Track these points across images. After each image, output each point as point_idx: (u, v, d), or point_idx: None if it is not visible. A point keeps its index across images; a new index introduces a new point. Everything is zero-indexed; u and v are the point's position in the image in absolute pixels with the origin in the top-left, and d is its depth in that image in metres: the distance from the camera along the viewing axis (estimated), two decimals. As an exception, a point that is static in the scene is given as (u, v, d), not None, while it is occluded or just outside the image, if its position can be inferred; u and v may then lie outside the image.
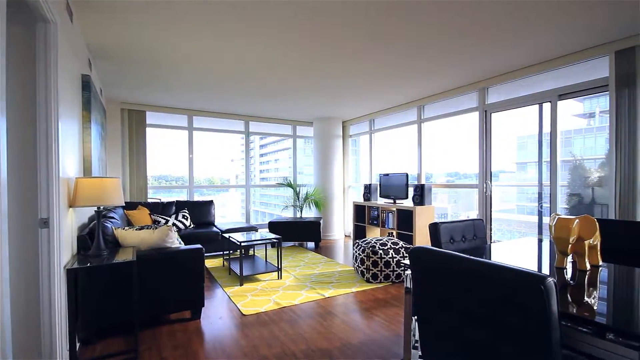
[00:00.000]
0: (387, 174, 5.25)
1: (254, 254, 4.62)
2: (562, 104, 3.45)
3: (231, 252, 4.90)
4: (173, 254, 2.61)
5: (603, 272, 1.55)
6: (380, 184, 5.41)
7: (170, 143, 6.02)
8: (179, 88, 4.40)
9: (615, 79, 2.90)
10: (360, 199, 5.94)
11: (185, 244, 2.99)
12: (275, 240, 3.92)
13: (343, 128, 6.80)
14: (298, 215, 6.34)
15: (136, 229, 2.64)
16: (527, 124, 3.92)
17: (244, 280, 3.74)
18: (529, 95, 3.69)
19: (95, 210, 2.29)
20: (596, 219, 1.60)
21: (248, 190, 6.41)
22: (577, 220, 1.49)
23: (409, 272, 1.73)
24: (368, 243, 3.84)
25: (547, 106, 3.55)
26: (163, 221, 4.66)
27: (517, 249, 2.09)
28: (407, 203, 4.84)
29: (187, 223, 4.94)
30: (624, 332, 1.00)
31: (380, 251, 3.67)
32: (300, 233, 5.58)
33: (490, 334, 1.03)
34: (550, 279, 0.90)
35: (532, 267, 1.75)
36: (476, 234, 2.23)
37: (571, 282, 1.44)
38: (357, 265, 3.86)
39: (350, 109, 5.80)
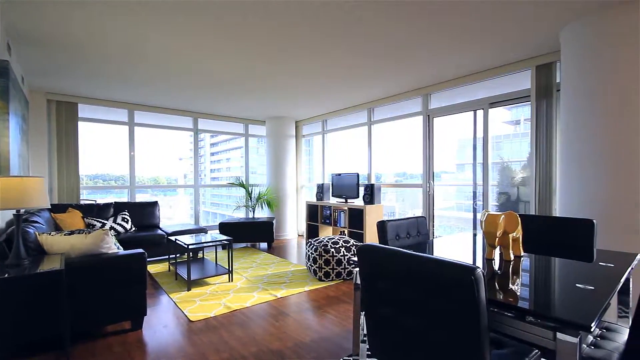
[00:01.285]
0: (339, 174, 5.37)
1: (203, 257, 4.43)
2: (493, 112, 3.82)
3: (178, 255, 4.65)
4: (110, 260, 2.40)
5: (525, 262, 1.75)
6: (332, 184, 5.52)
7: (109, 139, 5.53)
8: (117, 79, 4.04)
9: (536, 91, 3.29)
10: (313, 199, 6.00)
11: (125, 249, 2.77)
12: (226, 242, 3.80)
13: (296, 128, 6.81)
14: (250, 215, 6.21)
15: (65, 234, 2.38)
16: (465, 129, 4.27)
17: (192, 284, 3.57)
18: (466, 102, 4.04)
19: (13, 214, 2.03)
20: (518, 214, 1.80)
21: (197, 190, 6.13)
22: (503, 216, 1.66)
23: (357, 269, 1.80)
24: (320, 242, 3.89)
25: (480, 113, 3.91)
26: (99, 225, 4.27)
27: (455, 243, 2.27)
28: (358, 202, 5.00)
29: (128, 226, 4.58)
30: (541, 314, 1.14)
31: (332, 250, 3.75)
32: (252, 234, 5.48)
33: (428, 323, 1.11)
34: (479, 270, 0.99)
35: (468, 259, 1.92)
36: (419, 230, 2.38)
37: (498, 271, 1.61)
38: (310, 264, 3.90)
39: (303, 109, 5.83)
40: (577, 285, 1.38)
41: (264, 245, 5.83)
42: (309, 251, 3.97)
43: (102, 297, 2.36)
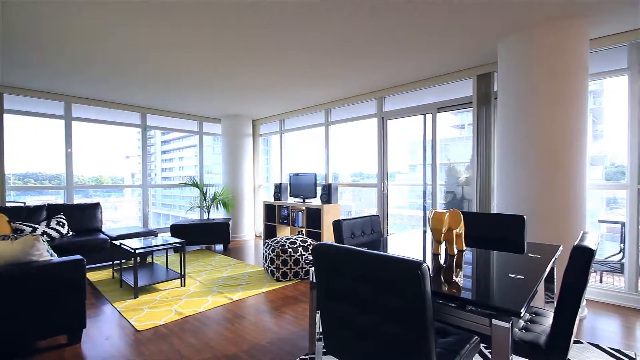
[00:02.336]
0: (297, 174, 5.37)
1: (152, 262, 4.17)
2: (440, 116, 4.08)
3: (124, 261, 4.33)
4: (41, 269, 2.16)
5: (467, 256, 1.90)
6: (290, 184, 5.50)
7: (42, 134, 4.99)
8: (50, 67, 3.64)
9: (477, 98, 3.58)
10: (270, 199, 5.93)
11: (60, 256, 2.52)
12: (177, 245, 3.62)
13: (253, 127, 6.69)
14: (205, 216, 5.98)
15: (-14, 242, 2.10)
16: (416, 132, 4.51)
17: (140, 292, 3.35)
18: (416, 106, 4.26)
19: None
20: (461, 212, 1.95)
21: (146, 190, 5.75)
22: (447, 213, 1.79)
23: (313, 268, 1.82)
24: (278, 242, 3.87)
25: (429, 117, 4.15)
26: (28, 230, 3.83)
27: (406, 240, 2.39)
28: (316, 202, 5.05)
29: (64, 231, 4.16)
30: (479, 303, 1.24)
31: (290, 249, 3.74)
32: (207, 235, 5.28)
33: (380, 317, 1.16)
34: (425, 265, 1.06)
35: (418, 255, 2.03)
36: (373, 228, 2.47)
37: (444, 265, 1.73)
38: (267, 265, 3.85)
39: (260, 108, 5.74)
40: (509, 275, 1.52)
41: (219, 247, 5.65)
42: (266, 252, 3.92)
43: (32, 311, 2.12)
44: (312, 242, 3.98)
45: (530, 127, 2.74)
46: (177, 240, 3.69)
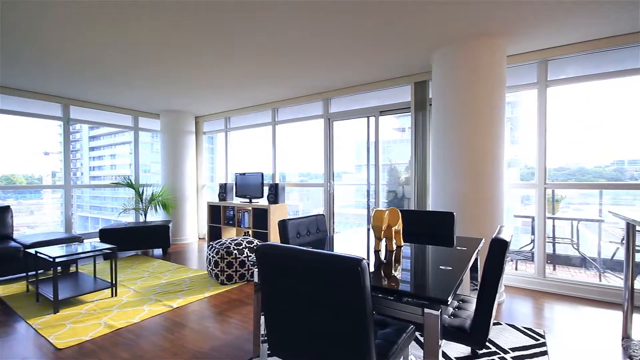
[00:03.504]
0: (244, 174, 5.24)
1: (77, 271, 3.74)
2: (383, 119, 4.30)
3: (42, 272, 3.82)
4: None
5: (405, 251, 2.03)
6: (236, 184, 5.35)
7: None
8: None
9: (414, 103, 3.84)
10: (215, 199, 5.71)
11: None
12: (107, 251, 3.30)
13: (196, 124, 6.37)
14: (142, 219, 5.53)
15: None
16: (361, 133, 4.69)
17: (61, 305, 2.98)
18: (360, 109, 4.44)
19: None
20: (400, 210, 2.07)
21: (69, 191, 5.13)
22: (387, 211, 1.89)
23: (257, 269, 1.79)
24: (222, 244, 3.73)
25: (372, 120, 4.35)
26: None
27: (351, 238, 2.47)
28: (263, 202, 4.98)
29: (-38, 240, 3.54)
30: (412, 294, 1.33)
31: (235, 251, 3.64)
32: (144, 240, 4.89)
33: (323, 315, 1.19)
34: (364, 261, 1.11)
35: (361, 251, 2.11)
36: (319, 227, 2.51)
37: (384, 261, 1.82)
38: (211, 269, 3.70)
39: (203, 105, 5.48)
40: (440, 267, 1.66)
41: (158, 251, 5.27)
42: (210, 254, 3.76)
43: None
44: (258, 243, 3.92)
45: (457, 133, 3.02)
46: (107, 246, 3.36)
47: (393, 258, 1.86)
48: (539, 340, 2.32)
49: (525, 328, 2.50)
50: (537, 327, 2.53)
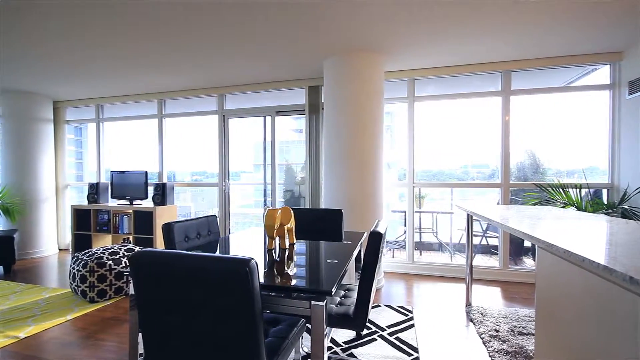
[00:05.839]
0: (123, 172, 4.57)
1: None
2: (280, 119, 4.37)
3: None
4: None
5: (297, 248, 2.11)
6: (112, 183, 4.62)
7: None
8: None
9: (308, 106, 4.03)
10: (84, 202, 4.81)
11: None
12: None
13: (55, 110, 5.24)
14: (-32, 230, 4.24)
15: None
16: (258, 132, 4.66)
17: None
18: (257, 107, 4.41)
19: None
20: (293, 208, 2.15)
21: None
22: (280, 210, 1.93)
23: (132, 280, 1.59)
24: (92, 255, 3.18)
25: (269, 119, 4.37)
26: None
27: (246, 238, 2.43)
28: (147, 203, 4.45)
29: None
30: (299, 289, 1.40)
31: (110, 262, 3.15)
32: (-28, 257, 3.77)
33: (209, 321, 1.14)
34: (253, 261, 1.11)
35: (256, 251, 2.09)
36: (210, 229, 2.39)
37: (277, 259, 1.86)
38: (76, 285, 3.11)
39: (65, 88, 4.55)
40: (327, 260, 1.79)
41: (-3, 270, 4.14)
42: (75, 269, 3.15)
43: None
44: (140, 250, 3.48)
45: (344, 137, 3.33)
46: None
47: (285, 256, 1.91)
48: (408, 315, 2.74)
49: (398, 307, 2.92)
50: (407, 305, 2.98)
